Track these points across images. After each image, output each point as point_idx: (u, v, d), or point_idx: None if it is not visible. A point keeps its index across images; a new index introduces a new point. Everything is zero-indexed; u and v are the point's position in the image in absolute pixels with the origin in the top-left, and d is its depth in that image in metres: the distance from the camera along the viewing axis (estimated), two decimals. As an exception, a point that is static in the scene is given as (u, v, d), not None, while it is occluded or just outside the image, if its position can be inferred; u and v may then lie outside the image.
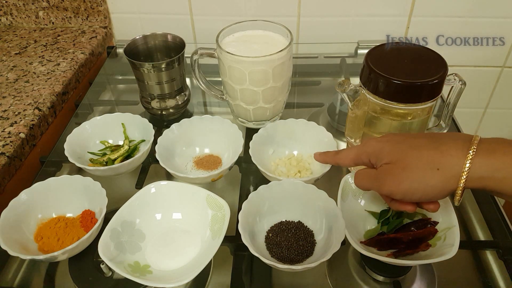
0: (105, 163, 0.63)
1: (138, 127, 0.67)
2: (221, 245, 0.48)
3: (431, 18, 0.91)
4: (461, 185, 0.39)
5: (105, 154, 0.66)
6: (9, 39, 0.93)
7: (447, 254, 0.44)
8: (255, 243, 0.51)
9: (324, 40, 0.95)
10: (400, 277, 0.50)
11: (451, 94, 0.57)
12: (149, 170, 0.67)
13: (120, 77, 0.92)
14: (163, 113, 0.74)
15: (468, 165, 0.38)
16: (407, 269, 0.50)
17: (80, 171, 0.63)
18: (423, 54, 0.56)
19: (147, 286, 0.49)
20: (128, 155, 0.65)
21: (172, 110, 0.74)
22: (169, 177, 0.63)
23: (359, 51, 0.94)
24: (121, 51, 0.95)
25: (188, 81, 0.82)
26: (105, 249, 0.48)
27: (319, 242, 0.52)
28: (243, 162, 0.65)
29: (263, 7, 0.91)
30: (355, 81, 0.58)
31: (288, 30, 0.66)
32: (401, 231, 0.51)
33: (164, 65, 0.68)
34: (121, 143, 0.68)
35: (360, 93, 0.57)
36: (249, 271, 0.53)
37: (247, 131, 0.70)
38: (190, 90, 0.77)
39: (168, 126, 0.65)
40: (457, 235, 0.46)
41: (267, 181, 0.55)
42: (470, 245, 0.57)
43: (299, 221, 0.55)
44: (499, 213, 0.58)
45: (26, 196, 0.54)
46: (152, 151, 0.63)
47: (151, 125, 0.65)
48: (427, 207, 0.44)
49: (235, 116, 0.74)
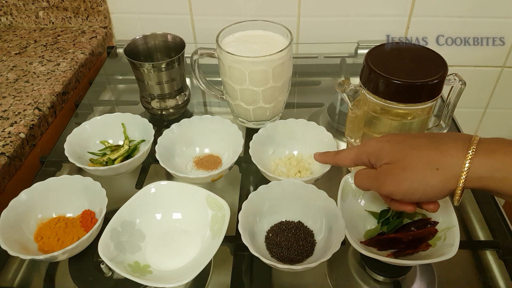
0: (105, 163, 0.63)
1: (138, 127, 0.67)
2: (221, 245, 0.48)
3: (431, 18, 0.91)
4: (461, 185, 0.39)
5: (105, 154, 0.66)
6: (9, 39, 0.93)
7: (447, 254, 0.44)
8: (255, 243, 0.51)
9: (324, 40, 0.95)
10: (400, 277, 0.50)
11: (451, 94, 0.57)
12: (149, 170, 0.67)
13: (120, 77, 0.92)
14: (163, 113, 0.74)
15: (467, 165, 0.38)
16: (407, 269, 0.50)
17: (80, 171, 0.63)
18: (423, 54, 0.56)
19: (147, 286, 0.49)
20: (128, 155, 0.65)
21: (172, 110, 0.74)
22: (169, 177, 0.63)
23: (359, 51, 0.94)
24: (121, 51, 0.95)
25: (188, 81, 0.82)
26: (105, 249, 0.48)
27: (319, 242, 0.52)
28: (243, 162, 0.65)
29: (263, 7, 0.91)
30: (355, 81, 0.58)
31: (288, 30, 0.66)
32: (401, 231, 0.51)
33: (164, 65, 0.68)
34: (121, 143, 0.68)
35: (360, 93, 0.57)
36: (249, 271, 0.53)
37: (247, 131, 0.70)
38: (190, 90, 0.77)
39: (168, 126, 0.65)
40: (457, 235, 0.46)
41: (267, 181, 0.55)
42: (470, 245, 0.57)
43: (299, 221, 0.55)
44: (499, 213, 0.58)
45: (26, 196, 0.55)
46: (152, 151, 0.63)
47: (151, 125, 0.65)
48: (427, 207, 0.44)
49: (235, 116, 0.74)
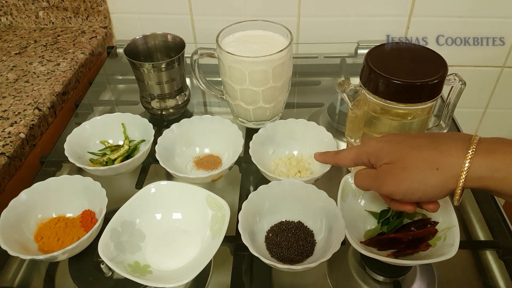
0: (105, 163, 0.63)
1: (138, 127, 0.67)
2: (221, 245, 0.48)
3: (431, 18, 0.91)
4: (460, 184, 0.39)
5: (105, 154, 0.66)
6: (9, 39, 0.93)
7: (447, 254, 0.44)
8: (255, 243, 0.51)
9: (324, 40, 0.95)
10: (400, 277, 0.50)
11: (451, 94, 0.57)
12: (149, 170, 0.67)
13: (120, 77, 0.92)
14: (163, 113, 0.74)
15: (467, 165, 0.38)
16: (407, 269, 0.50)
17: (80, 171, 0.63)
18: (423, 54, 0.56)
19: (147, 286, 0.49)
20: (128, 155, 0.65)
21: (172, 110, 0.74)
22: (169, 177, 0.63)
23: (359, 51, 0.94)
24: (121, 51, 0.95)
25: (188, 81, 0.82)
26: (105, 249, 0.48)
27: (319, 242, 0.52)
28: (243, 162, 0.65)
29: (263, 7, 0.91)
30: (355, 81, 0.58)
31: (288, 30, 0.66)
32: (401, 231, 0.51)
33: (164, 65, 0.68)
34: (121, 143, 0.68)
35: (360, 93, 0.57)
36: (249, 271, 0.53)
37: (247, 131, 0.70)
38: (190, 90, 0.77)
39: (168, 126, 0.65)
40: (457, 235, 0.46)
41: (267, 181, 0.55)
42: (470, 245, 0.57)
43: (299, 221, 0.55)
44: (499, 213, 0.58)
45: (26, 196, 0.54)
46: (152, 151, 0.63)
47: (151, 125, 0.65)
48: (427, 207, 0.44)
49: (235, 116, 0.74)
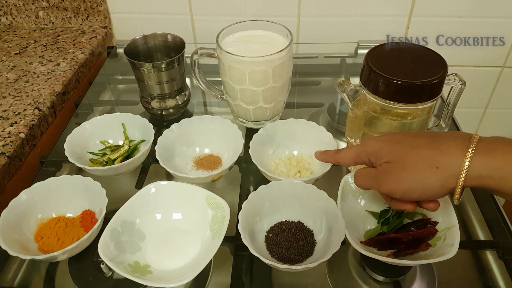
0: (105, 163, 0.63)
1: (138, 127, 0.67)
2: (221, 245, 0.48)
3: (431, 18, 0.91)
4: (460, 183, 0.39)
5: (105, 154, 0.66)
6: (9, 39, 0.93)
7: (447, 254, 0.44)
8: (255, 243, 0.51)
9: (324, 40, 0.95)
10: (400, 277, 0.50)
11: (451, 94, 0.57)
12: (149, 170, 0.67)
13: (120, 77, 0.92)
14: (163, 113, 0.74)
15: (467, 163, 0.38)
16: (407, 269, 0.50)
17: (80, 171, 0.63)
18: (423, 54, 0.56)
19: (147, 286, 0.49)
20: (128, 155, 0.65)
21: (172, 110, 0.74)
22: (169, 177, 0.63)
23: (359, 51, 0.94)
24: (121, 51, 0.95)
25: (188, 81, 0.82)
26: (105, 249, 0.48)
27: (319, 242, 0.52)
28: (243, 162, 0.65)
29: (263, 7, 0.91)
30: (355, 81, 0.58)
31: (288, 30, 0.66)
32: (401, 231, 0.51)
33: (164, 65, 0.68)
34: (121, 143, 0.68)
35: (360, 93, 0.57)
36: (249, 271, 0.53)
37: (247, 131, 0.70)
38: (190, 90, 0.77)
39: (168, 126, 0.65)
40: (457, 235, 0.46)
41: (267, 181, 0.55)
42: (470, 245, 0.57)
43: (299, 221, 0.55)
44: (499, 213, 0.58)
45: (26, 196, 0.54)
46: (152, 151, 0.63)
47: (151, 125, 0.65)
48: (426, 206, 0.44)
49: (235, 116, 0.74)
